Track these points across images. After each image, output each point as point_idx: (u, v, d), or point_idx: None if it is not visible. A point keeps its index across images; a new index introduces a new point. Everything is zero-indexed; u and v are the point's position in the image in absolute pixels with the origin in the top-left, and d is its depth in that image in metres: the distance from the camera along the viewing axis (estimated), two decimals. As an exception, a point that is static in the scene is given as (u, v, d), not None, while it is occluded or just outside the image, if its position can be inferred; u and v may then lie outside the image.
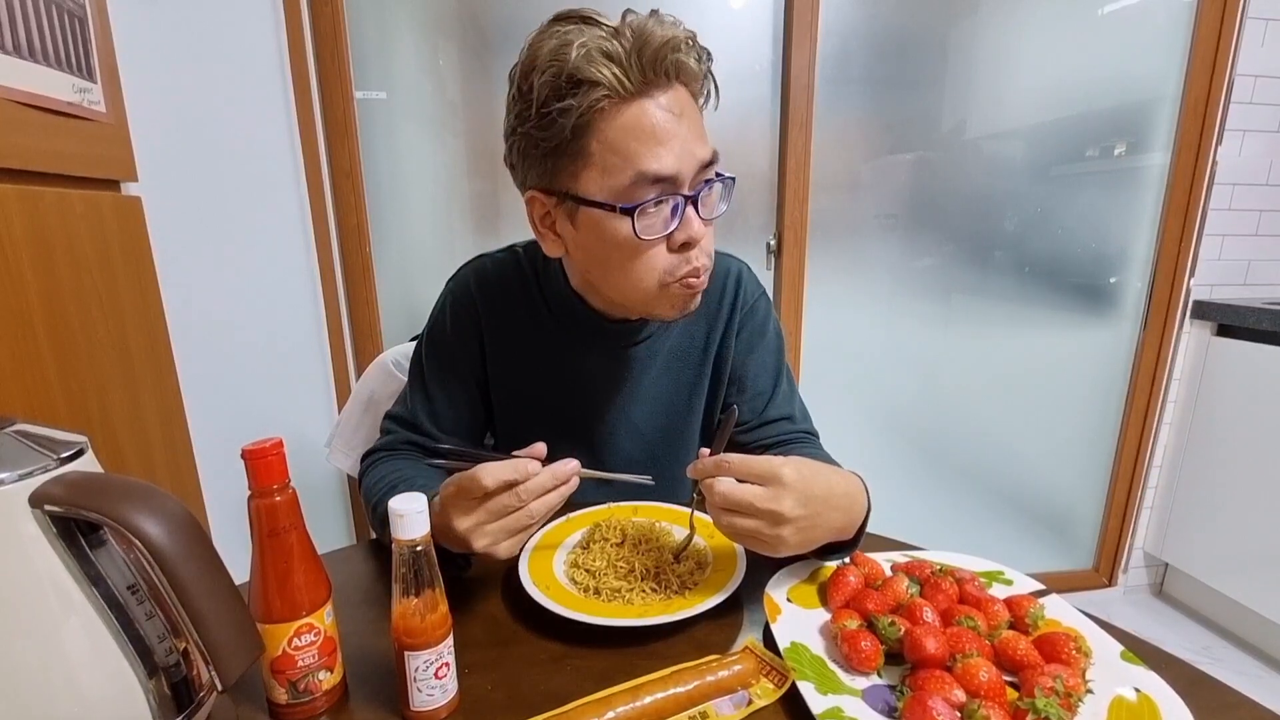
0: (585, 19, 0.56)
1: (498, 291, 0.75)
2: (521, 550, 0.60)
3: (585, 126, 0.56)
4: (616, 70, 0.54)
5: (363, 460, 0.75)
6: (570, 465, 0.53)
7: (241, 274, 1.16)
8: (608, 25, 0.56)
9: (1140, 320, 1.69)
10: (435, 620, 0.42)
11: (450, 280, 0.79)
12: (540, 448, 0.53)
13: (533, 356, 0.75)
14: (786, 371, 0.80)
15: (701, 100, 0.61)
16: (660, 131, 0.56)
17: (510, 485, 0.50)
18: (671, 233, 0.59)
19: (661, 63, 0.55)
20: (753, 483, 0.50)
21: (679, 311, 0.66)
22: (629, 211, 0.57)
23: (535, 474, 0.51)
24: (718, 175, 0.62)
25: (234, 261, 1.14)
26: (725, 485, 0.50)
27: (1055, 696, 0.40)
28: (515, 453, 0.52)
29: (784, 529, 0.50)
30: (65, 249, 0.72)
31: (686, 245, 0.60)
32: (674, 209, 0.58)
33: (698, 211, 0.59)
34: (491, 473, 0.50)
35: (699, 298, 0.66)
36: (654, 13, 0.56)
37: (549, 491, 0.51)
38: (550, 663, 0.49)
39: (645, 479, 0.61)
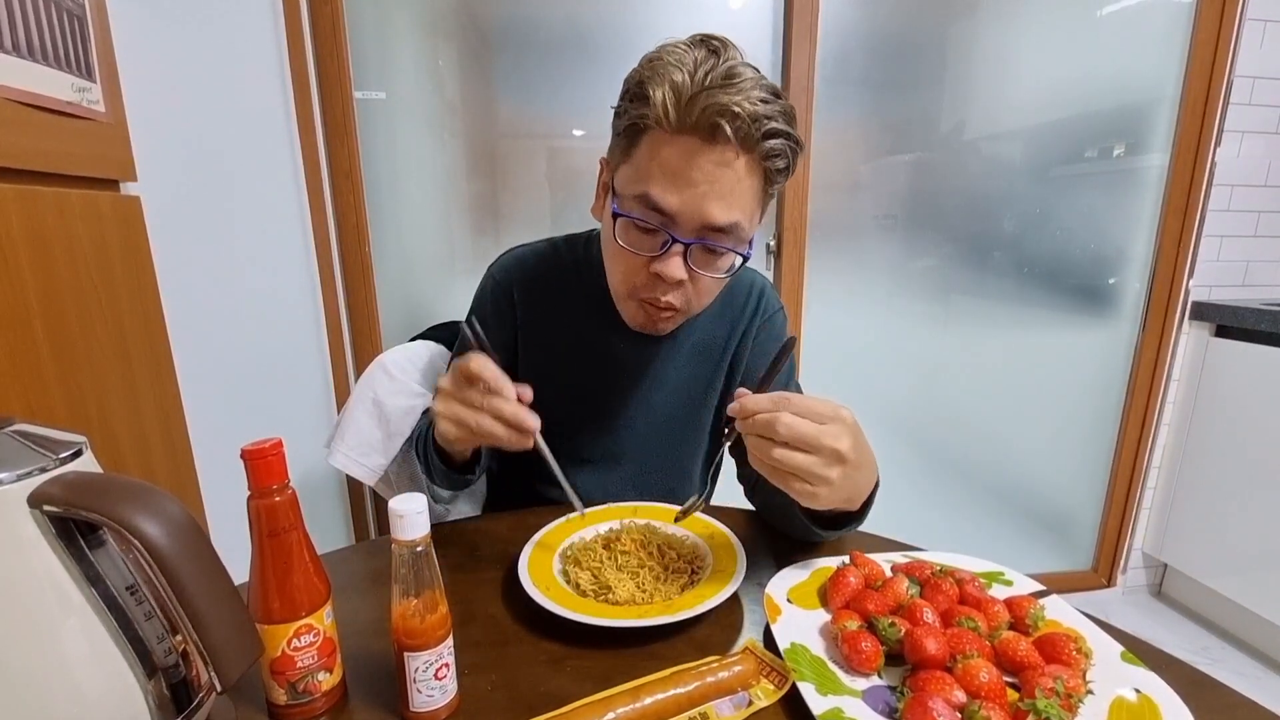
0: (712, 47, 0.59)
1: (536, 278, 0.80)
2: (522, 550, 0.61)
3: (639, 132, 0.61)
4: (669, 102, 0.58)
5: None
6: (534, 420, 0.57)
7: (240, 274, 1.16)
8: (713, 60, 0.58)
9: (1139, 321, 1.70)
10: (435, 621, 0.42)
11: (491, 265, 0.83)
12: (528, 392, 0.58)
13: (565, 340, 0.79)
14: (796, 381, 0.84)
15: (762, 175, 0.62)
16: (681, 173, 0.59)
17: (488, 388, 0.56)
18: (651, 258, 0.63)
19: (704, 118, 0.57)
20: (811, 420, 0.50)
21: (638, 325, 0.72)
22: (615, 215, 0.63)
23: (508, 398, 0.56)
24: (739, 253, 0.65)
25: (233, 261, 1.14)
26: (790, 418, 0.49)
27: (1056, 697, 0.40)
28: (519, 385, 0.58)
29: (835, 470, 0.50)
30: (64, 249, 0.72)
31: (659, 277, 0.63)
32: (664, 242, 0.62)
33: (686, 259, 0.63)
34: (481, 363, 0.56)
35: (660, 326, 0.70)
36: (745, 72, 0.58)
37: (503, 422, 0.55)
38: (550, 664, 0.49)
39: (580, 506, 0.64)
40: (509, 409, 0.56)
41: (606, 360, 0.79)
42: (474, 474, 0.71)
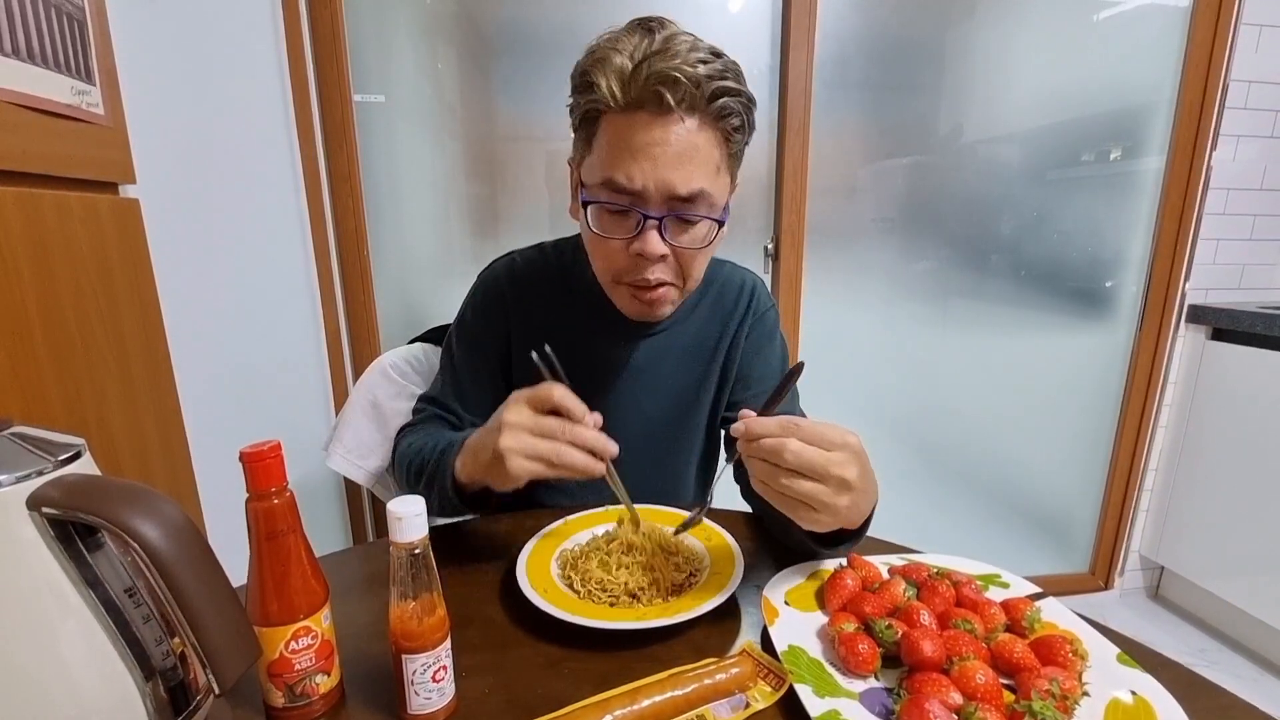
0: (649, 27, 0.61)
1: (527, 283, 0.81)
2: (520, 552, 0.61)
3: (593, 121, 0.63)
4: (614, 83, 0.60)
5: (397, 436, 0.82)
6: (613, 447, 0.57)
7: (239, 277, 1.16)
8: (649, 38, 0.60)
9: (1135, 324, 1.70)
10: (433, 623, 0.42)
11: (483, 271, 0.85)
12: (599, 418, 0.59)
13: (556, 344, 0.77)
14: (798, 405, 0.83)
15: (720, 137, 0.63)
16: (636, 149, 0.60)
17: (569, 416, 0.56)
18: (629, 240, 0.64)
19: (647, 89, 0.59)
20: (819, 448, 0.49)
21: (633, 313, 0.72)
22: (585, 204, 0.65)
23: (588, 425, 0.57)
24: (712, 219, 0.65)
25: (232, 264, 1.14)
26: (799, 446, 0.48)
27: (1052, 699, 0.40)
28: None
29: (844, 497, 0.49)
30: (63, 251, 0.72)
31: (642, 256, 0.64)
32: (637, 221, 0.63)
33: (662, 234, 0.63)
34: (564, 393, 0.57)
35: (656, 309, 0.70)
36: (682, 39, 0.59)
37: (586, 450, 0.56)
38: (548, 666, 0.49)
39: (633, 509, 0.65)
40: (591, 436, 0.56)
41: (598, 363, 0.79)
42: (489, 501, 0.67)
